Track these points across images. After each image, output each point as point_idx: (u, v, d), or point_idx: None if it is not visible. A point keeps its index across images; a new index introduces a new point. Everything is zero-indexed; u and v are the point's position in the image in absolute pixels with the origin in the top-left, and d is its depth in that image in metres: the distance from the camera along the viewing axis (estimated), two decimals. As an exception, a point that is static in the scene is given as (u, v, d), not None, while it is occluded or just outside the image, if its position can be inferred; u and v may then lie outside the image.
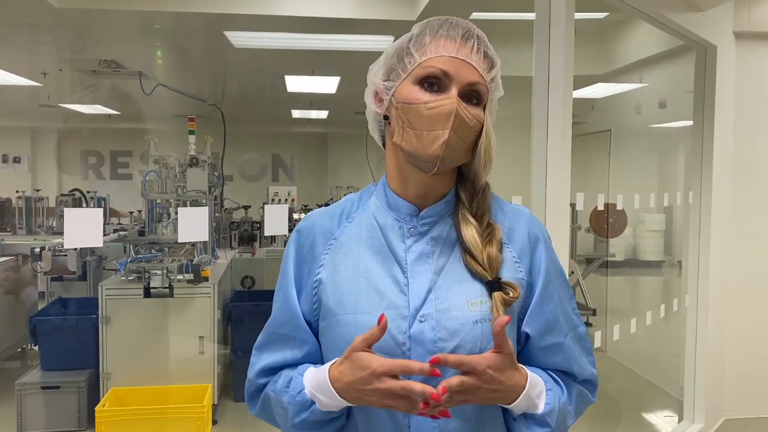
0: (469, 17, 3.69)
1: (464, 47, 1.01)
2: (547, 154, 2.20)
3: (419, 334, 1.00)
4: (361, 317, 1.02)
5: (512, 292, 1.02)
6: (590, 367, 1.12)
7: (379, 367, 0.92)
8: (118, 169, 9.75)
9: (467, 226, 1.05)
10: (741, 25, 3.57)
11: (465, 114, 0.98)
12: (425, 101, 0.99)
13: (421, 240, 1.06)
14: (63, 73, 6.10)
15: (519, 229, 1.09)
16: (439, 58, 1.00)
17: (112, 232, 5.04)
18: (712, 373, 3.50)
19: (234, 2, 4.05)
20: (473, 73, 1.00)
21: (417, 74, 1.01)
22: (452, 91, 0.99)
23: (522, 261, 1.07)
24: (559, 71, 2.20)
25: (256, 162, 10.29)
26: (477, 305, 1.01)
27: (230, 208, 6.47)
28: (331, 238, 1.10)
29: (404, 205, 1.08)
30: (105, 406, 3.59)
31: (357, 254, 1.07)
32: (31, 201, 5.67)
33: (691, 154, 3.52)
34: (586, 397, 1.12)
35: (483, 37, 1.04)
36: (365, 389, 0.93)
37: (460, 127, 0.98)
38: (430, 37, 1.02)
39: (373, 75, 1.08)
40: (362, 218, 1.11)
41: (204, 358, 3.98)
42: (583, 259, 6.22)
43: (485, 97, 1.02)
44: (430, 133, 0.98)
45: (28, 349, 5.20)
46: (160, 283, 3.88)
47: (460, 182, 1.09)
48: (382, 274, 1.05)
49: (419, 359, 0.98)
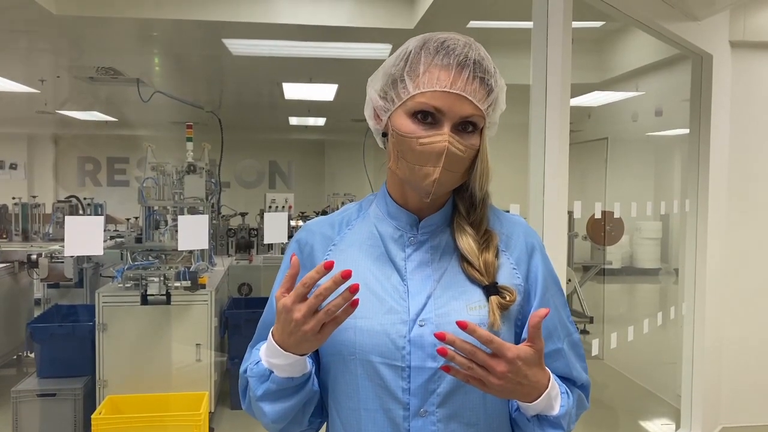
0: (466, 26, 3.71)
1: (458, 79, 0.98)
2: (544, 162, 2.21)
3: (419, 338, 1.01)
4: (361, 322, 1.02)
5: (509, 296, 1.03)
6: (584, 373, 1.13)
7: (288, 299, 0.91)
8: (115, 175, 9.73)
9: (464, 235, 1.06)
10: (736, 35, 3.60)
11: (457, 149, 0.98)
12: (417, 136, 0.98)
13: (420, 249, 1.07)
14: (61, 79, 6.10)
15: (516, 237, 1.10)
16: (431, 93, 0.98)
17: (109, 239, 5.03)
18: (709, 381, 3.50)
19: (232, 10, 4.07)
20: (467, 106, 0.98)
21: (410, 107, 1.00)
22: (445, 127, 0.98)
23: (519, 268, 1.08)
24: (556, 79, 2.21)
25: (253, 169, 10.29)
26: (476, 309, 1.02)
27: (227, 215, 6.46)
28: (330, 245, 1.11)
29: (404, 215, 1.08)
30: (101, 413, 3.57)
31: (356, 261, 1.08)
32: (28, 207, 5.65)
33: (688, 162, 3.53)
34: (582, 403, 1.13)
35: (481, 60, 1.01)
36: (294, 330, 0.92)
37: (452, 162, 0.98)
38: (425, 65, 0.99)
39: (371, 89, 1.08)
40: (362, 226, 1.12)
41: (201, 365, 3.97)
42: (580, 267, 6.22)
43: (482, 122, 1.01)
44: (422, 169, 0.99)
45: (24, 357, 5.18)
46: (157, 290, 3.86)
47: (458, 192, 1.09)
48: (382, 280, 1.05)
49: (420, 363, 1.00)
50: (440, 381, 1.01)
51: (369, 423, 1.03)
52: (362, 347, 1.02)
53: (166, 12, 4.08)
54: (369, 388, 1.02)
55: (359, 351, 1.02)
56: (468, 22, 4.14)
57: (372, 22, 4.20)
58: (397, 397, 1.01)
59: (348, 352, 1.03)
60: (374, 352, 1.01)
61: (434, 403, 1.01)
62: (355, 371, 1.03)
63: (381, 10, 4.20)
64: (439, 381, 1.01)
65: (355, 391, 1.03)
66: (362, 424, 1.03)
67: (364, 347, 1.02)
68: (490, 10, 4.08)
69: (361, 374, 1.02)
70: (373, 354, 1.01)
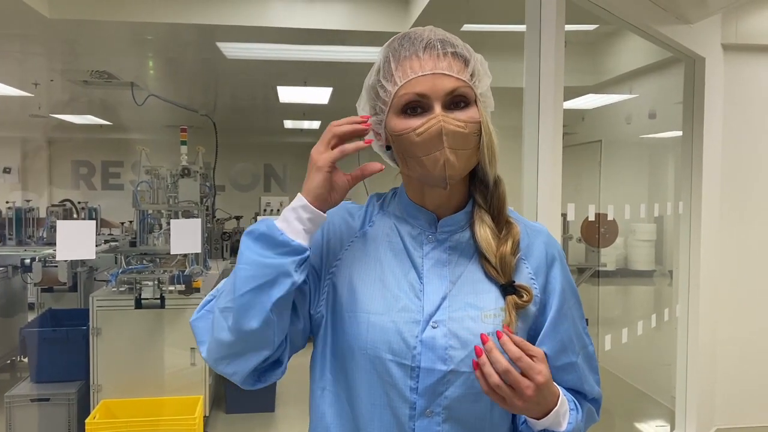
0: (460, 29, 3.73)
1: (429, 60, 0.99)
2: (538, 165, 2.21)
3: (431, 340, 1.01)
4: (374, 317, 1.03)
5: (525, 295, 1.03)
6: (597, 386, 1.13)
7: (317, 149, 0.99)
8: (109, 179, 9.71)
9: (482, 226, 1.06)
10: (729, 38, 3.62)
11: (455, 126, 0.97)
12: (414, 128, 0.98)
13: (438, 248, 1.07)
14: (54, 83, 6.08)
15: (537, 246, 1.09)
16: (409, 82, 0.98)
17: (104, 243, 5.02)
18: (704, 382, 3.51)
19: (226, 13, 4.07)
20: (448, 80, 0.98)
21: (397, 105, 1.00)
22: (436, 109, 0.98)
23: (537, 278, 1.07)
24: (549, 82, 2.21)
25: (248, 172, 10.29)
26: (490, 317, 1.02)
27: (222, 219, 6.46)
28: (353, 236, 1.11)
29: (423, 214, 1.08)
30: (95, 418, 3.56)
31: (375, 255, 1.08)
32: (22, 212, 5.63)
33: (681, 164, 3.55)
34: (592, 416, 1.13)
35: (446, 38, 1.02)
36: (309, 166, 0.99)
37: (456, 140, 0.98)
38: (395, 63, 1.00)
39: (361, 111, 1.09)
40: (383, 222, 1.12)
41: (195, 369, 3.96)
42: (574, 269, 6.22)
43: (472, 93, 1.01)
44: (429, 157, 0.98)
45: (18, 361, 5.16)
46: (152, 294, 3.85)
47: (472, 183, 1.09)
48: (399, 277, 1.05)
49: (429, 365, 1.00)
50: (449, 384, 1.01)
51: (376, 418, 1.03)
52: (374, 343, 1.02)
53: (160, 15, 4.08)
54: (377, 383, 1.02)
55: (370, 346, 1.02)
56: (462, 26, 4.15)
57: (366, 26, 4.21)
58: (404, 396, 1.01)
59: (359, 346, 1.03)
60: (385, 349, 1.01)
61: (441, 405, 1.01)
62: (365, 366, 1.03)
63: (375, 13, 4.21)
64: (448, 384, 1.01)
65: (363, 385, 1.03)
66: (369, 418, 1.03)
67: (375, 343, 1.02)
68: (484, 13, 4.09)
69: (371, 369, 1.02)
70: (383, 351, 1.01)
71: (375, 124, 1.05)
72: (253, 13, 4.12)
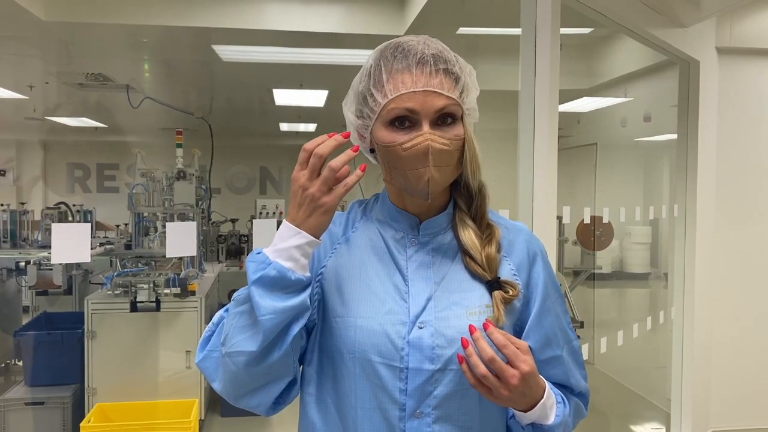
0: (455, 33, 3.74)
1: (421, 76, 0.99)
2: (533, 168, 2.22)
3: (418, 340, 1.02)
4: (361, 321, 1.04)
5: (511, 291, 1.04)
6: (583, 380, 1.14)
7: (303, 176, 0.96)
8: (104, 182, 9.68)
9: (465, 229, 1.07)
10: (723, 41, 3.63)
11: (441, 144, 0.99)
12: (400, 143, 0.99)
13: (421, 250, 1.08)
14: (49, 86, 6.07)
15: (518, 244, 1.11)
16: (399, 97, 0.99)
17: (99, 246, 5.00)
18: (699, 384, 3.51)
19: (222, 16, 4.06)
20: (438, 99, 0.99)
21: (385, 117, 1.01)
22: (424, 126, 0.99)
23: (520, 275, 1.09)
24: (544, 85, 2.22)
25: (243, 175, 10.26)
26: (475, 315, 1.03)
27: (218, 222, 6.44)
28: (336, 243, 1.12)
29: (406, 217, 1.09)
30: (90, 422, 3.54)
31: (360, 260, 1.09)
32: (16, 214, 5.62)
33: (676, 167, 3.56)
34: (580, 411, 1.14)
35: (439, 52, 1.02)
36: (309, 201, 0.96)
37: (441, 158, 0.99)
38: (386, 74, 1.00)
39: (347, 112, 1.09)
40: (366, 227, 1.13)
41: (191, 372, 3.95)
42: (570, 272, 6.23)
43: (459, 110, 1.02)
44: (414, 172, 1.00)
45: (12, 365, 5.13)
46: (147, 297, 3.85)
47: (455, 189, 1.10)
48: (384, 280, 1.06)
49: (417, 365, 1.01)
50: (437, 384, 1.01)
51: (365, 421, 1.03)
52: (362, 346, 1.03)
53: (156, 18, 4.07)
54: (366, 387, 1.03)
55: (358, 350, 1.03)
56: (457, 29, 4.16)
57: (362, 29, 4.21)
58: (393, 398, 1.02)
59: (347, 350, 1.04)
60: (373, 352, 1.02)
61: (430, 405, 1.02)
62: (354, 369, 1.03)
63: (371, 16, 4.22)
64: (436, 384, 1.01)
65: (353, 389, 1.04)
66: (359, 422, 1.04)
67: (363, 346, 1.02)
68: (479, 16, 4.10)
69: (360, 373, 1.03)
70: (372, 353, 1.02)
71: (361, 128, 1.06)
72: (249, 15, 4.12)
